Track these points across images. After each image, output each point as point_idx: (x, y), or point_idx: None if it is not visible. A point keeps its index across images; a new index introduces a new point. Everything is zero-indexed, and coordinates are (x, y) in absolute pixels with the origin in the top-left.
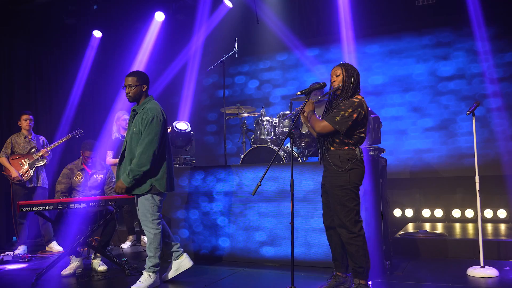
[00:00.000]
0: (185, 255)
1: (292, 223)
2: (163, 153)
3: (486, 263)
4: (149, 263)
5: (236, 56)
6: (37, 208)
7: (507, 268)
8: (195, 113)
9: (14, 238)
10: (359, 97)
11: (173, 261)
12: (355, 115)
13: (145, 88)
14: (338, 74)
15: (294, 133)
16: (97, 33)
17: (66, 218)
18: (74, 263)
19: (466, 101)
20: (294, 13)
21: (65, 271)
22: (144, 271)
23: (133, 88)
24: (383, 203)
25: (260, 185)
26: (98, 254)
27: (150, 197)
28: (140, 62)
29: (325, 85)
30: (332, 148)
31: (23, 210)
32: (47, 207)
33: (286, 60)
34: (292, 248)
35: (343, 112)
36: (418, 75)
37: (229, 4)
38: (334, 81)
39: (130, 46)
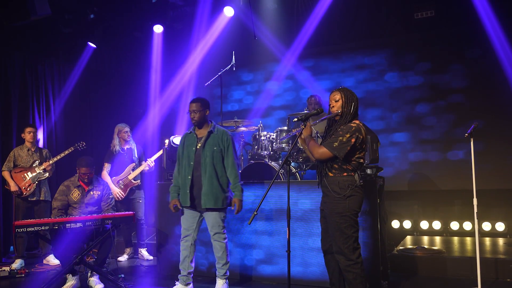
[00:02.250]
0: (192, 285)
1: (288, 251)
2: None
3: (484, 283)
4: (222, 270)
5: (233, 69)
6: (32, 229)
7: None
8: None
9: (12, 248)
10: (357, 121)
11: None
12: (353, 140)
13: (207, 112)
14: (337, 99)
15: (292, 148)
16: (92, 44)
17: (63, 236)
18: (71, 282)
19: (465, 113)
20: (291, 23)
21: None
22: (219, 279)
23: (198, 113)
24: (381, 222)
25: (256, 214)
26: (94, 272)
27: (223, 210)
28: (137, 71)
29: (321, 111)
30: (331, 174)
31: (18, 230)
32: (42, 227)
33: (283, 71)
34: (288, 273)
35: (341, 138)
36: (417, 87)
37: (229, 14)
38: (333, 107)
39: (127, 56)
